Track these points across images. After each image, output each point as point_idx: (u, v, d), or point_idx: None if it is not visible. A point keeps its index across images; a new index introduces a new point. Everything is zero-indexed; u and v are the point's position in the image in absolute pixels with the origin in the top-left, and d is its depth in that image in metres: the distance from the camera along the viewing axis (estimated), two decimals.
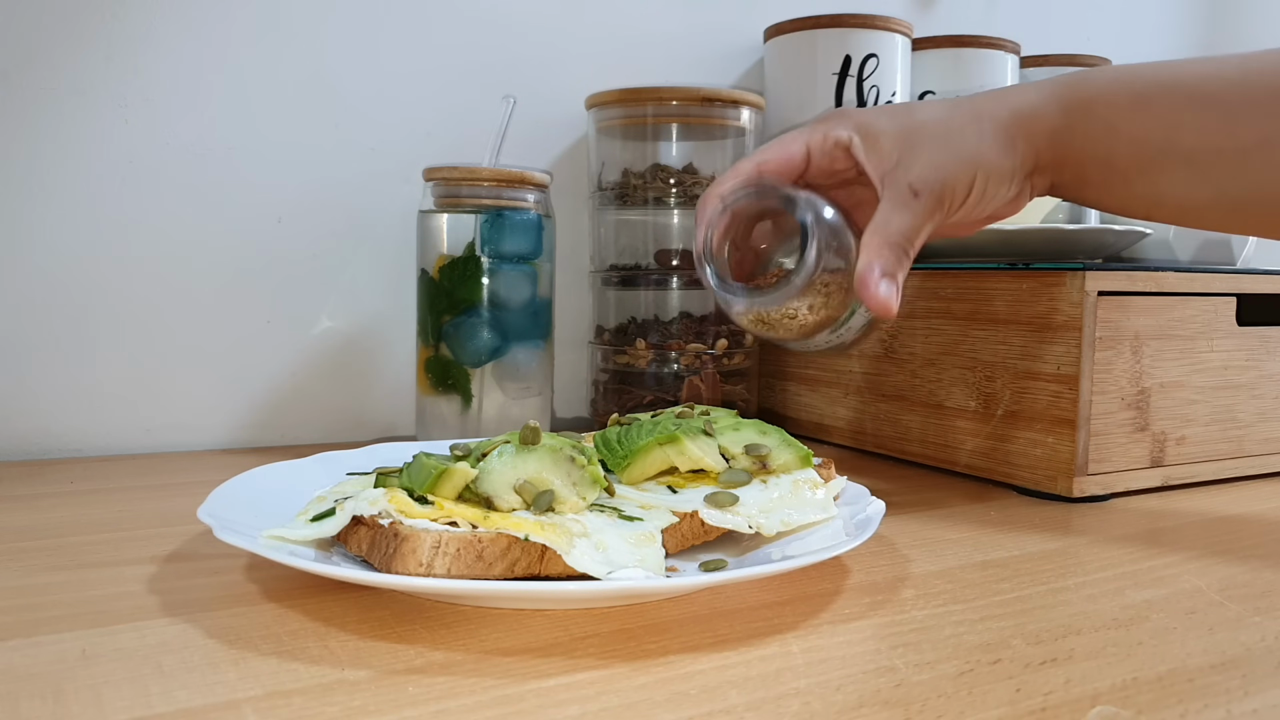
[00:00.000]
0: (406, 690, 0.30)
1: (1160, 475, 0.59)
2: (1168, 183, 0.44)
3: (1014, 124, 0.45)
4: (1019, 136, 0.45)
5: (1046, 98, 0.45)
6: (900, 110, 0.47)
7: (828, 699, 0.29)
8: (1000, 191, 0.46)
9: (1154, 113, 0.43)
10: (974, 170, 0.45)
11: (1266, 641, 0.35)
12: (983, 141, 0.45)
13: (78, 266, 0.67)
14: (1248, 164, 0.41)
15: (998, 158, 0.45)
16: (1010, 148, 0.45)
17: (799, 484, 0.45)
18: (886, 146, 0.45)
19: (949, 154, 0.45)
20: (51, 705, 0.28)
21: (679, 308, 0.76)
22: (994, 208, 0.47)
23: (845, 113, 0.48)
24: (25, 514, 0.50)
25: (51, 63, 0.65)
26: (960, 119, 0.45)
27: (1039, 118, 0.45)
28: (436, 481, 0.38)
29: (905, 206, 0.44)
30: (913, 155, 0.45)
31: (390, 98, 0.75)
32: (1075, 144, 0.45)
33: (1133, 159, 0.44)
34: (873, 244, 0.44)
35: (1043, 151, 0.46)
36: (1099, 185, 0.46)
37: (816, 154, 0.47)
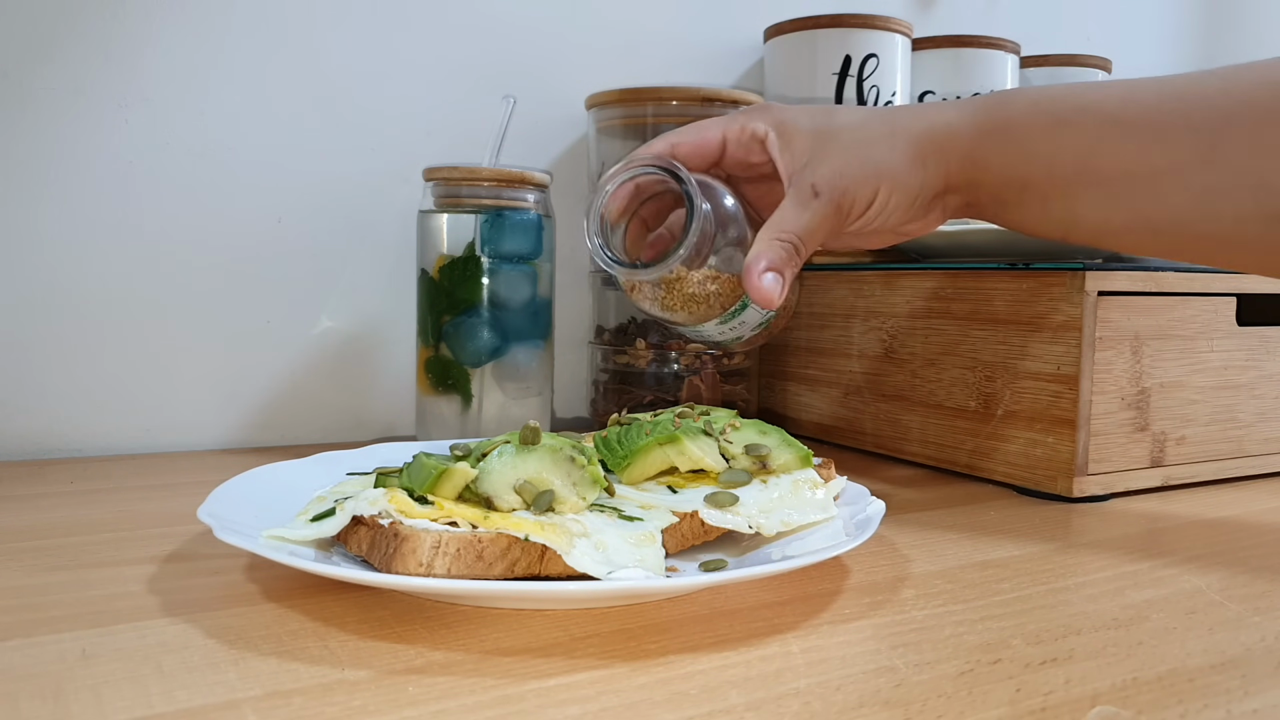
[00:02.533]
0: (406, 690, 0.30)
1: (1160, 475, 0.59)
2: (1083, 206, 0.44)
3: (927, 141, 0.45)
4: (931, 154, 0.45)
5: (964, 117, 0.45)
6: (821, 112, 0.47)
7: (828, 699, 0.29)
8: (905, 205, 0.46)
9: (1070, 137, 0.43)
10: (878, 181, 0.45)
11: (1266, 641, 0.35)
12: (893, 154, 0.45)
13: (77, 266, 0.67)
14: (1160, 188, 0.41)
15: (905, 172, 0.45)
16: (919, 164, 0.45)
17: (799, 484, 0.45)
18: (799, 146, 0.46)
19: (856, 161, 0.45)
20: (51, 705, 0.28)
21: None
22: (898, 222, 0.47)
23: (767, 107, 0.48)
24: (25, 514, 0.50)
25: (51, 62, 0.65)
26: (875, 129, 0.46)
27: (954, 137, 0.45)
28: (436, 481, 0.38)
29: (804, 205, 0.45)
30: (821, 157, 0.45)
31: (390, 98, 0.75)
32: (992, 165, 0.45)
33: (1048, 182, 0.44)
34: (765, 236, 0.45)
35: (955, 172, 0.46)
36: (1015, 206, 0.46)
37: (732, 144, 0.48)
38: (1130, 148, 0.42)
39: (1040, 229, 0.46)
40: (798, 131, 0.46)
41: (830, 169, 0.45)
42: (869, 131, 0.46)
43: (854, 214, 0.46)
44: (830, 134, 0.46)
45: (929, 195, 0.46)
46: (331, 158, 0.74)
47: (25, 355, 0.66)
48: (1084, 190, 0.43)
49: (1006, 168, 0.45)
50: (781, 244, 0.44)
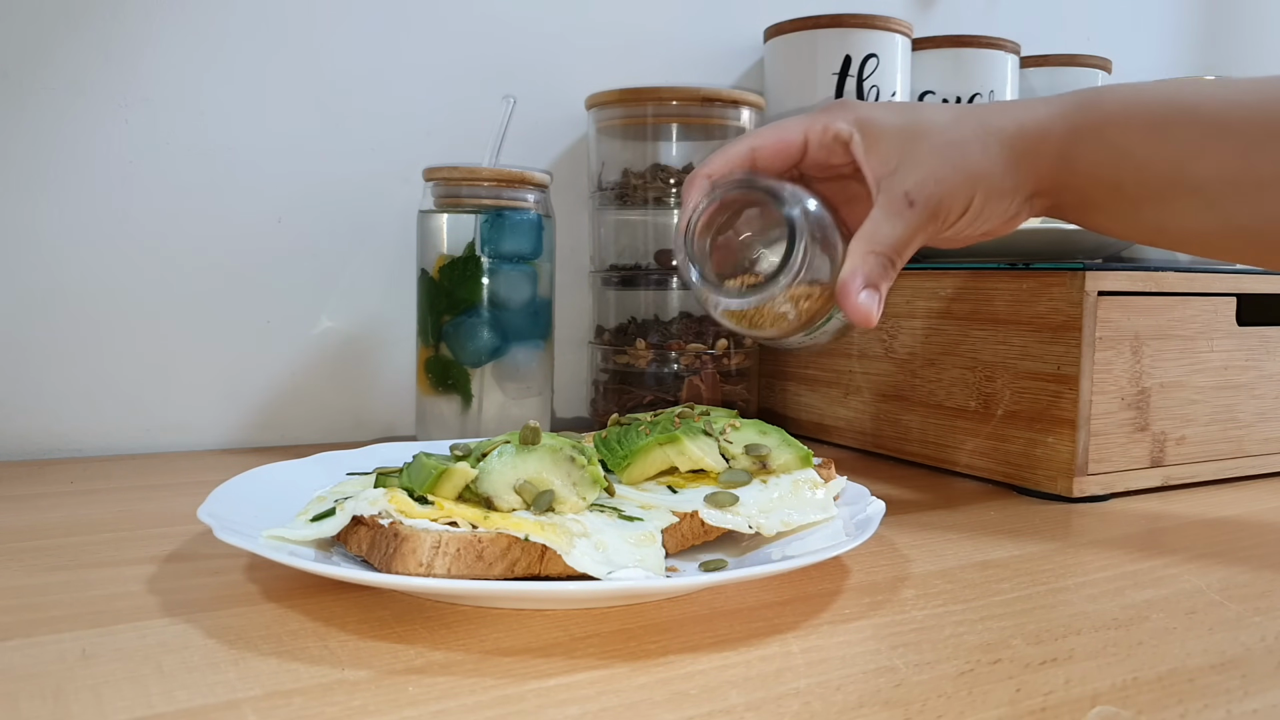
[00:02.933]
0: (406, 690, 0.30)
1: (1160, 475, 0.59)
2: (1176, 213, 0.43)
3: (1020, 142, 0.44)
4: (1024, 156, 0.44)
5: (1056, 116, 0.44)
6: (905, 110, 0.45)
7: (828, 699, 0.29)
8: (998, 210, 0.44)
9: (1170, 141, 0.42)
10: (974, 186, 0.43)
11: (1266, 641, 0.35)
12: (986, 157, 0.43)
13: (77, 266, 0.67)
14: (1262, 196, 0.40)
15: (1000, 176, 0.43)
16: (1014, 167, 0.44)
17: (799, 484, 0.45)
18: (886, 149, 0.44)
19: (950, 166, 0.43)
20: (51, 705, 0.28)
21: (679, 308, 0.76)
22: (990, 226, 0.45)
23: (848, 104, 0.46)
24: (25, 514, 0.50)
25: (51, 62, 0.65)
26: (966, 130, 0.44)
27: (1047, 138, 0.43)
28: (436, 481, 0.38)
29: (898, 215, 0.43)
30: (912, 162, 0.43)
31: (390, 98, 0.75)
32: (1082, 168, 0.43)
33: (1142, 187, 0.43)
34: (859, 250, 0.43)
35: (1046, 174, 0.44)
36: (1103, 210, 0.45)
37: (814, 145, 0.45)
38: (1232, 154, 0.41)
39: (1126, 233, 0.45)
40: (884, 133, 0.44)
41: (923, 175, 0.43)
42: (959, 133, 0.44)
43: (949, 220, 0.44)
44: (919, 135, 0.43)
45: (1021, 198, 0.45)
46: (331, 158, 0.74)
47: (25, 355, 0.66)
48: (1179, 197, 0.42)
49: (1099, 169, 0.43)
50: (877, 257, 0.43)
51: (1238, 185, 0.41)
